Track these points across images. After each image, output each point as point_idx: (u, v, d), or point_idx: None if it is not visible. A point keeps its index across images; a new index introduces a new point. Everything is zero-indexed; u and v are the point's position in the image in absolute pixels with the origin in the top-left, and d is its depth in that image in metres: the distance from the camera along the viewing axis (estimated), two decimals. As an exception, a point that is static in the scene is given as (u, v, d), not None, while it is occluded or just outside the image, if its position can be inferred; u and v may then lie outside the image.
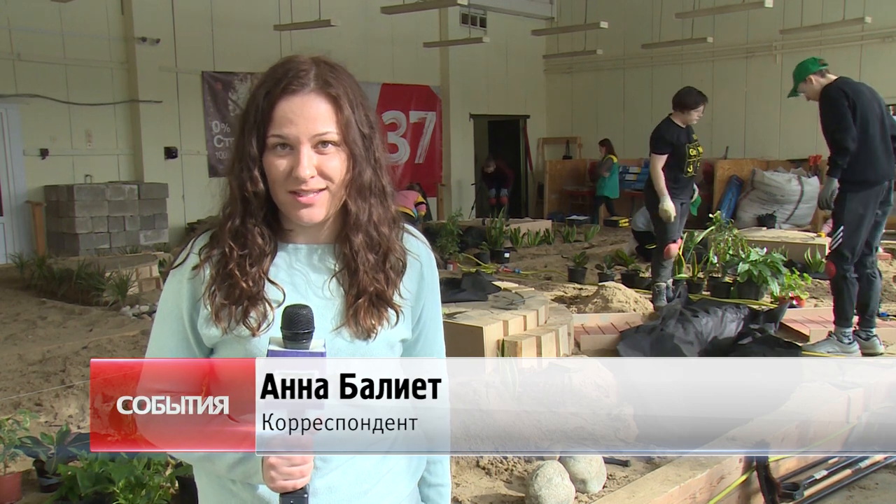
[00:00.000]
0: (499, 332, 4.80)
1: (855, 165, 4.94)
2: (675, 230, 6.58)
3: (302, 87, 1.33)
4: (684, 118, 6.44)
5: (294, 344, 1.19)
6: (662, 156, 6.36)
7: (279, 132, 1.31)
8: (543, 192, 16.23)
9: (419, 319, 1.48)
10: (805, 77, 5.15)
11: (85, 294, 7.39)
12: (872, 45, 12.62)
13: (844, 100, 4.93)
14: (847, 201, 4.96)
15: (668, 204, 6.38)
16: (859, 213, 4.97)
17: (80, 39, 10.66)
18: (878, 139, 4.99)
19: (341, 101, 1.34)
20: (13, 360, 5.36)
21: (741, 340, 5.37)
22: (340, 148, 1.34)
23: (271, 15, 11.75)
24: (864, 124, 4.94)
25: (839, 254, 5.04)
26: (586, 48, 14.95)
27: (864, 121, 4.94)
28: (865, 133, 4.94)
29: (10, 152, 10.27)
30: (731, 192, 13.51)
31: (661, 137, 6.37)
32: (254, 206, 1.35)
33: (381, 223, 1.39)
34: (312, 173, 1.30)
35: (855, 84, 5.09)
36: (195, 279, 1.35)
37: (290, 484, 1.20)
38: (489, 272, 8.41)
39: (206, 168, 12.13)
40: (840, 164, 4.93)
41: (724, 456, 3.40)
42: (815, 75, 5.13)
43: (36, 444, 3.35)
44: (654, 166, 6.38)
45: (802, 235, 9.36)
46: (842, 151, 4.91)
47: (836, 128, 4.92)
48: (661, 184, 6.38)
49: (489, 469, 3.51)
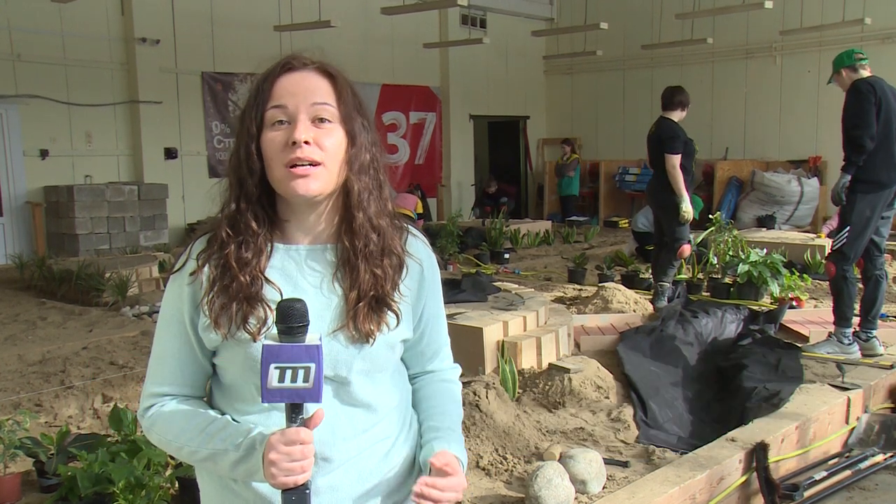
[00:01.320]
0: (499, 332, 4.81)
1: (870, 165, 4.86)
2: (688, 231, 6.55)
3: (303, 66, 1.36)
4: (681, 116, 6.45)
5: (289, 338, 1.19)
6: (678, 155, 6.29)
7: (278, 102, 1.33)
8: (543, 192, 16.24)
9: (420, 318, 1.48)
10: (838, 70, 5.11)
11: (85, 295, 7.39)
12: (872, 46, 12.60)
13: (872, 96, 4.84)
14: (857, 202, 4.89)
15: (688, 205, 6.35)
16: (866, 216, 4.91)
17: (80, 40, 10.66)
18: None
19: (340, 82, 1.37)
20: (13, 360, 5.35)
21: (741, 341, 5.37)
22: (338, 125, 1.35)
23: (271, 15, 11.76)
24: (886, 126, 4.86)
25: (841, 253, 5.00)
26: (586, 49, 14.95)
27: (886, 122, 4.86)
28: (886, 135, 4.87)
29: (10, 153, 10.26)
30: (731, 193, 13.51)
31: (676, 136, 6.31)
32: (249, 186, 1.34)
33: (380, 215, 1.40)
34: (308, 138, 1.30)
35: (885, 85, 5.00)
36: (194, 284, 1.35)
37: (291, 480, 1.20)
38: (489, 273, 8.41)
39: (206, 168, 12.12)
40: (855, 161, 4.84)
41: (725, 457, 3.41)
42: (847, 69, 5.05)
43: (36, 444, 3.35)
44: (673, 166, 6.26)
45: (802, 236, 9.36)
46: (858, 149, 4.82)
47: (857, 124, 4.83)
48: (680, 184, 6.28)
49: (489, 470, 3.51)
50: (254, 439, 1.27)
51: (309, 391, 1.18)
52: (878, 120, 4.83)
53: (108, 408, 4.28)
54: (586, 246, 11.06)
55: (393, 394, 1.45)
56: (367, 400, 1.38)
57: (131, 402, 4.38)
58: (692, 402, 4.61)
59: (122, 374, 4.94)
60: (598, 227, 13.42)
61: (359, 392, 1.37)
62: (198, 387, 1.42)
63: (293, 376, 1.17)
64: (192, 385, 1.40)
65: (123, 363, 5.18)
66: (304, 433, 1.19)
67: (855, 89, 4.94)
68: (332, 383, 1.34)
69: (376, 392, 1.40)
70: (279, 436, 1.20)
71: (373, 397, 1.39)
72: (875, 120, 4.81)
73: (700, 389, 4.78)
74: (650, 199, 6.99)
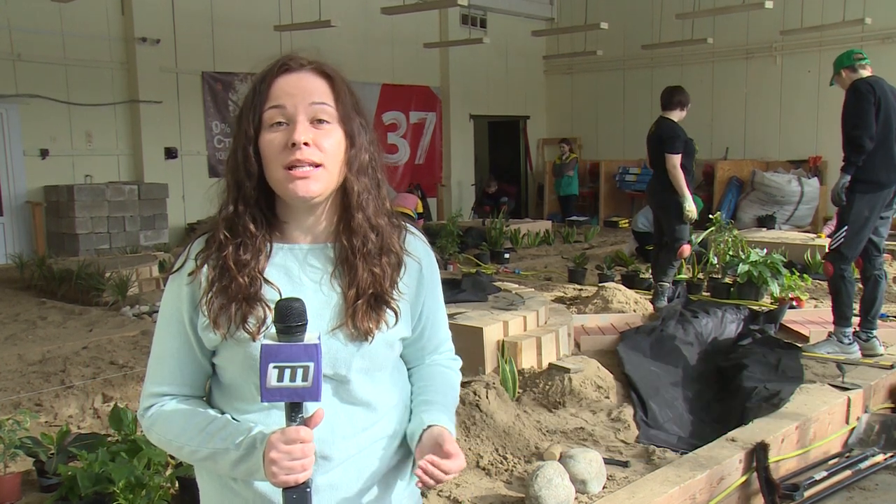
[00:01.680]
0: (499, 332, 4.80)
1: (869, 165, 4.87)
2: (688, 231, 6.57)
3: (300, 66, 1.35)
4: (681, 116, 6.45)
5: (288, 337, 1.18)
6: (678, 155, 6.31)
7: (276, 102, 1.32)
8: (543, 192, 16.24)
9: (420, 316, 1.48)
10: (838, 70, 5.13)
11: (85, 294, 7.39)
12: (872, 47, 12.59)
13: (871, 96, 4.85)
14: (855, 202, 4.90)
15: (691, 204, 6.36)
16: (864, 216, 4.92)
17: (81, 40, 10.65)
18: None
19: (337, 82, 1.36)
20: (13, 360, 5.35)
21: (741, 341, 5.37)
22: (337, 126, 1.34)
23: (271, 15, 11.76)
24: (886, 126, 4.87)
25: (838, 253, 5.00)
26: (586, 49, 14.95)
27: (886, 122, 4.87)
28: (885, 135, 4.87)
29: (10, 152, 10.26)
30: (731, 193, 13.51)
31: (677, 136, 6.33)
32: (247, 188, 1.34)
33: (378, 214, 1.39)
34: (307, 139, 1.30)
35: (885, 84, 5.00)
36: (193, 284, 1.35)
37: (291, 479, 1.20)
38: (489, 273, 8.41)
39: (206, 168, 12.12)
40: (854, 162, 4.85)
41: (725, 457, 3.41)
42: (847, 70, 5.07)
43: (36, 444, 3.35)
44: (674, 166, 6.28)
45: (802, 236, 9.36)
46: (857, 149, 4.82)
47: (856, 124, 4.84)
48: (682, 184, 6.29)
49: (489, 470, 3.51)
50: (254, 438, 1.27)
51: (308, 390, 1.18)
52: (878, 120, 4.83)
53: (109, 407, 4.28)
54: (586, 246, 11.06)
55: (392, 392, 1.45)
56: (367, 398, 1.38)
57: (131, 401, 4.38)
58: (692, 402, 4.61)
59: (122, 373, 4.93)
60: (599, 227, 13.41)
61: (358, 390, 1.37)
62: (197, 386, 1.42)
63: (292, 375, 1.17)
64: (191, 385, 1.40)
65: (123, 363, 5.18)
66: (305, 432, 1.19)
67: (854, 89, 4.93)
68: (331, 382, 1.34)
69: (375, 390, 1.40)
70: (279, 434, 1.20)
71: (372, 396, 1.39)
72: (875, 120, 4.81)
73: (700, 389, 4.78)
74: (650, 199, 6.99)
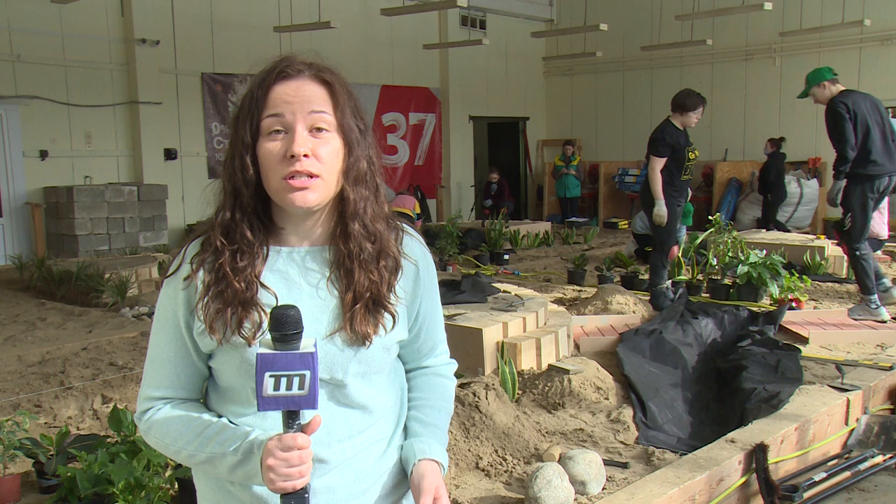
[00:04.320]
0: (498, 333, 4.80)
1: (857, 162, 5.84)
2: (673, 233, 6.59)
3: (298, 73, 1.34)
4: (683, 120, 6.43)
5: (283, 345, 1.17)
6: (662, 158, 6.36)
7: (274, 111, 1.31)
8: (543, 194, 16.25)
9: (417, 317, 1.48)
10: (820, 81, 5.93)
11: (84, 295, 7.39)
12: (871, 48, 12.62)
13: (847, 113, 5.78)
14: (851, 191, 5.92)
15: (662, 208, 6.39)
16: (861, 200, 5.91)
17: (80, 41, 10.66)
18: (879, 140, 5.84)
19: (336, 89, 1.35)
20: (12, 361, 5.35)
21: (740, 342, 5.37)
22: (335, 134, 1.33)
23: (271, 16, 11.76)
24: (865, 129, 5.81)
25: (849, 235, 5.97)
26: (586, 50, 14.96)
27: (864, 126, 5.81)
28: (866, 137, 5.82)
29: (10, 153, 10.26)
30: (731, 194, 13.52)
31: (661, 140, 6.36)
32: (244, 196, 1.33)
33: (376, 219, 1.39)
34: (307, 150, 1.29)
35: (854, 96, 5.90)
36: (189, 288, 1.35)
37: (289, 485, 1.19)
38: (488, 274, 8.41)
39: (206, 170, 12.13)
40: (842, 170, 5.86)
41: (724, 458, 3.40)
42: (829, 82, 5.92)
43: (35, 445, 3.35)
44: (653, 169, 6.38)
45: (802, 237, 9.36)
46: (842, 160, 5.84)
47: (839, 140, 5.83)
48: (657, 187, 6.38)
49: (489, 471, 3.51)
50: (251, 443, 1.26)
51: (305, 398, 1.16)
52: (857, 127, 5.78)
53: (108, 408, 4.28)
54: (586, 247, 11.07)
55: (388, 395, 1.45)
56: (363, 401, 1.38)
57: (131, 402, 4.38)
58: (692, 403, 4.61)
59: (121, 374, 4.93)
60: (598, 228, 13.42)
61: (354, 394, 1.37)
62: (194, 389, 1.41)
63: (288, 384, 1.16)
64: (188, 388, 1.40)
65: (123, 364, 5.18)
66: (302, 439, 1.19)
67: (830, 109, 5.87)
68: (327, 385, 1.34)
69: (372, 393, 1.40)
70: (276, 441, 1.20)
71: (368, 399, 1.39)
72: (854, 132, 5.78)
73: (700, 390, 4.78)
74: (640, 199, 7.08)
